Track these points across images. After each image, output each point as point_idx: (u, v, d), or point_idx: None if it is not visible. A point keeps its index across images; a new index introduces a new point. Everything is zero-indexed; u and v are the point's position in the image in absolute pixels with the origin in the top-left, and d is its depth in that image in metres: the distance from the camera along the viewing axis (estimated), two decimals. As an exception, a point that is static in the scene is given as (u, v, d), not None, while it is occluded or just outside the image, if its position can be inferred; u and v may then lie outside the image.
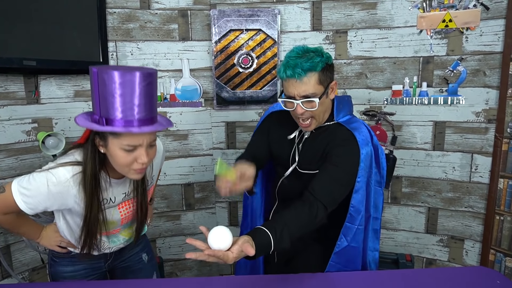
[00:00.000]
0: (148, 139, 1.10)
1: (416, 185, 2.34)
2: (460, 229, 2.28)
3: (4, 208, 1.18)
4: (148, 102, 1.06)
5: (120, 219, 1.30)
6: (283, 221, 1.16)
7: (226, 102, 2.37)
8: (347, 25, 2.28)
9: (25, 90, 2.00)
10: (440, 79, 2.19)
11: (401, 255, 2.33)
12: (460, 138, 2.19)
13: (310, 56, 1.26)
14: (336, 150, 1.33)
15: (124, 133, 1.05)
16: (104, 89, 1.02)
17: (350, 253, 1.43)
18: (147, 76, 1.04)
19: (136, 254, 1.50)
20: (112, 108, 1.03)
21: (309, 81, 1.26)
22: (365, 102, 2.34)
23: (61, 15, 1.96)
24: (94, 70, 1.03)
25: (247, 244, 1.02)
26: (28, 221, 1.36)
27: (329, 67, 1.31)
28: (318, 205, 1.23)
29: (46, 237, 1.36)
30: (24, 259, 2.06)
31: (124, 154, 1.08)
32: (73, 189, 1.14)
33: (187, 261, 2.58)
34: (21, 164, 2.01)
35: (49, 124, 2.10)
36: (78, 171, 1.14)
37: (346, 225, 1.39)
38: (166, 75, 2.33)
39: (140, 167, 1.11)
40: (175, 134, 2.39)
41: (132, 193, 1.30)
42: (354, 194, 1.36)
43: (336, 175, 1.30)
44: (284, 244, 1.14)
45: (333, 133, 1.38)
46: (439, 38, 2.16)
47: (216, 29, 2.27)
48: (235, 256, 1.01)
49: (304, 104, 1.29)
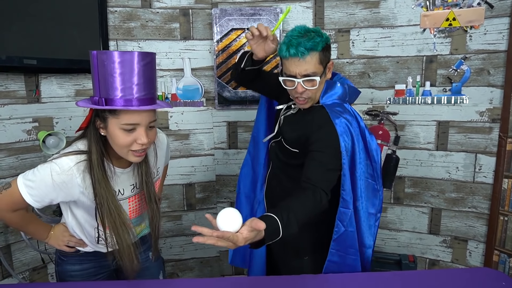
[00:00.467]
0: (147, 119, 1.10)
1: (419, 185, 2.32)
2: (463, 229, 2.26)
3: (11, 204, 1.18)
4: (147, 82, 1.08)
5: (128, 211, 1.30)
6: (287, 207, 1.15)
7: (228, 101, 2.36)
8: (350, 24, 2.26)
9: (25, 89, 1.99)
10: (443, 78, 2.17)
11: (404, 256, 2.31)
12: (463, 138, 2.17)
13: (311, 36, 1.29)
14: (316, 135, 1.35)
15: (123, 112, 1.07)
16: (104, 70, 1.04)
17: (348, 238, 1.43)
18: (146, 56, 1.06)
19: (143, 253, 1.49)
20: (111, 88, 1.05)
21: (311, 60, 1.30)
22: (368, 101, 2.33)
23: (62, 13, 1.95)
24: (93, 52, 1.05)
25: (256, 220, 0.99)
26: (37, 221, 1.35)
27: (328, 48, 1.36)
28: (320, 191, 1.23)
29: (54, 237, 1.35)
30: (24, 259, 2.06)
31: (124, 135, 1.09)
32: (77, 178, 1.14)
33: (188, 261, 2.57)
34: (22, 163, 2.00)
35: (50, 123, 2.09)
36: (82, 160, 1.15)
37: (340, 210, 1.40)
38: (168, 75, 2.32)
39: (139, 148, 1.12)
40: (177, 134, 2.38)
41: (140, 185, 1.28)
42: (343, 177, 1.37)
43: (324, 160, 1.31)
44: (292, 229, 1.11)
45: (313, 116, 1.41)
46: (442, 37, 2.14)
47: (218, 28, 2.26)
48: (245, 237, 0.97)
49: (305, 83, 1.33)
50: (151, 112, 1.12)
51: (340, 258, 1.44)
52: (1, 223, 1.93)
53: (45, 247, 2.06)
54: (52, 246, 1.36)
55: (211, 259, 2.59)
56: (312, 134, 1.36)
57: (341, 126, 1.35)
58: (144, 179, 1.27)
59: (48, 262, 2.13)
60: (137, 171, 1.27)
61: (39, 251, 2.03)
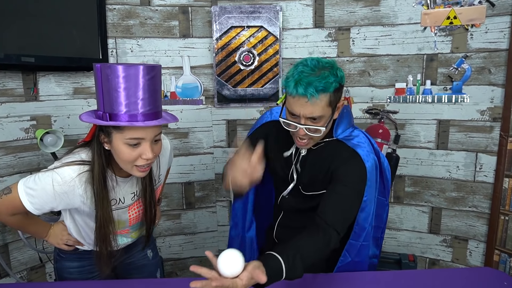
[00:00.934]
0: (152, 134, 1.08)
1: (420, 184, 2.31)
2: (464, 229, 2.25)
3: (11, 209, 1.17)
4: (152, 96, 1.05)
5: (128, 219, 1.29)
6: (296, 247, 1.07)
7: (227, 100, 2.35)
8: (350, 22, 2.24)
9: (23, 87, 1.98)
10: (444, 77, 2.16)
11: (404, 255, 2.31)
12: (464, 137, 2.16)
13: (324, 75, 1.13)
14: (342, 169, 1.24)
15: (128, 127, 1.04)
16: (108, 84, 1.01)
17: (353, 267, 1.40)
18: (151, 70, 1.03)
19: (141, 251, 1.48)
20: (115, 103, 1.02)
21: (319, 103, 1.14)
22: (368, 100, 2.31)
23: (60, 11, 1.93)
24: (97, 66, 1.02)
25: (258, 271, 0.95)
26: (36, 221, 1.34)
27: (340, 88, 1.20)
28: (332, 232, 1.14)
29: (53, 236, 1.34)
30: (22, 258, 2.04)
31: (129, 150, 1.07)
32: (78, 189, 1.12)
33: (187, 261, 2.55)
34: (20, 162, 1.98)
35: (48, 121, 2.07)
36: (84, 170, 1.13)
37: (350, 242, 1.34)
38: (167, 73, 2.30)
39: (144, 163, 1.10)
40: (176, 132, 2.37)
41: (140, 192, 1.27)
42: (360, 213, 1.29)
43: (345, 196, 1.21)
44: (298, 272, 1.05)
45: (334, 151, 1.28)
46: (443, 35, 2.13)
47: (217, 26, 2.25)
48: (244, 284, 0.93)
49: (308, 130, 1.19)
50: (157, 127, 1.09)
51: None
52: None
53: (43, 246, 2.05)
54: (52, 244, 1.35)
55: (210, 258, 2.57)
56: (336, 170, 1.24)
57: (367, 157, 1.24)
58: (146, 188, 1.26)
59: (46, 261, 2.12)
60: (139, 180, 1.26)
61: (37, 250, 2.02)
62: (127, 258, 1.47)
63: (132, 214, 1.29)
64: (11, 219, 1.21)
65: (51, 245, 1.37)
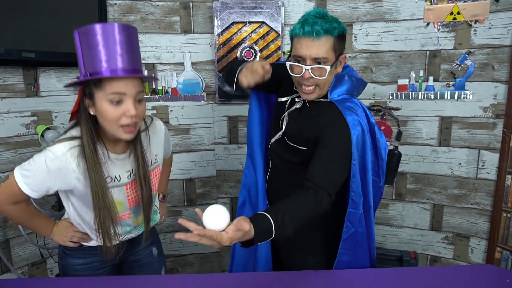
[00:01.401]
0: (134, 89, 1.08)
1: (421, 181, 2.30)
2: (465, 226, 2.24)
3: (10, 196, 1.17)
4: (130, 53, 1.07)
5: (127, 199, 1.27)
6: (285, 207, 1.09)
7: (229, 96, 2.34)
8: (352, 18, 2.23)
9: (24, 82, 1.97)
10: (447, 73, 2.15)
11: (405, 252, 2.29)
12: (467, 133, 2.15)
13: (329, 19, 1.22)
14: (326, 132, 1.27)
15: (108, 83, 1.05)
16: (87, 45, 1.05)
17: (358, 238, 1.40)
18: (126, 27, 1.07)
19: (146, 248, 1.47)
20: (96, 60, 1.04)
21: (325, 44, 1.21)
22: (370, 96, 2.30)
23: (61, 6, 1.92)
24: (75, 31, 1.06)
25: (242, 220, 0.96)
26: (39, 216, 1.33)
27: (343, 37, 1.27)
28: (323, 192, 1.17)
29: (58, 233, 1.32)
30: (23, 254, 2.04)
31: (112, 108, 1.07)
32: (71, 164, 1.12)
33: (188, 257, 2.55)
34: (20, 157, 1.98)
35: (49, 117, 2.07)
36: (75, 145, 1.14)
37: (350, 211, 1.35)
38: (168, 69, 2.29)
39: (129, 121, 1.09)
40: (177, 129, 2.36)
41: (136, 171, 1.26)
42: (352, 179, 1.31)
43: (332, 159, 1.24)
44: (287, 231, 1.06)
45: (323, 112, 1.32)
46: (446, 31, 2.11)
47: (219, 22, 2.23)
48: (230, 237, 0.94)
49: (313, 71, 1.23)
50: (138, 83, 1.10)
51: (350, 258, 1.41)
52: (1, 218, 1.91)
53: (44, 242, 2.05)
54: (57, 242, 1.34)
55: (211, 254, 2.58)
56: (322, 131, 1.28)
57: (354, 124, 1.27)
58: (139, 165, 1.24)
59: (47, 257, 2.12)
60: (132, 157, 1.25)
61: (38, 246, 2.02)
62: (132, 255, 1.46)
63: (130, 195, 1.28)
64: (13, 210, 1.21)
65: (56, 243, 1.34)
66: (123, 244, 1.37)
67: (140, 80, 1.13)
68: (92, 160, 1.13)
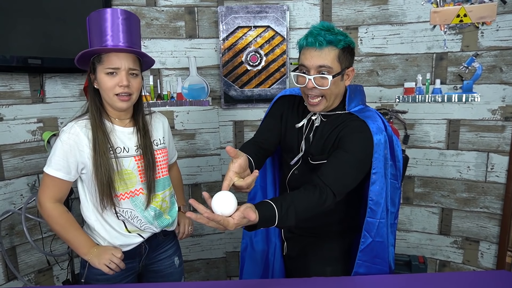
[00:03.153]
0: (126, 64, 1.26)
1: (429, 185, 2.28)
2: (475, 230, 2.21)
3: (47, 189, 1.27)
4: (129, 33, 1.27)
5: (138, 171, 1.34)
6: (290, 199, 1.12)
7: (234, 100, 2.33)
8: (358, 21, 2.22)
9: (30, 89, 1.97)
10: (454, 76, 2.13)
11: (414, 257, 2.27)
12: (475, 136, 2.13)
13: (334, 32, 1.24)
14: (348, 137, 1.28)
15: (106, 58, 1.24)
16: (96, 24, 1.25)
17: (376, 249, 1.37)
18: (126, 12, 1.27)
19: (168, 258, 1.50)
20: (99, 39, 1.24)
21: (329, 54, 1.23)
22: (376, 100, 2.29)
23: (66, 12, 1.93)
24: (88, 17, 1.28)
25: (249, 209, 1.00)
26: (80, 229, 1.34)
27: (350, 50, 1.28)
28: (328, 192, 1.17)
29: (97, 254, 1.30)
30: (30, 261, 2.03)
31: (108, 78, 1.25)
32: (81, 134, 1.26)
33: (194, 263, 2.54)
34: (27, 164, 1.98)
35: (55, 123, 2.07)
36: (82, 119, 1.29)
37: (368, 220, 1.33)
38: (173, 74, 2.29)
39: (121, 90, 1.25)
40: (182, 134, 2.35)
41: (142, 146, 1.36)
42: (371, 187, 1.29)
43: (346, 161, 1.24)
44: (289, 222, 1.10)
45: (345, 122, 1.32)
46: (453, 33, 2.09)
47: (224, 26, 2.23)
48: (236, 222, 0.98)
49: (316, 81, 1.25)
50: (132, 59, 1.27)
51: (367, 269, 1.38)
52: (7, 225, 1.91)
53: (51, 249, 2.04)
54: (93, 264, 1.31)
55: (218, 260, 2.56)
56: (343, 137, 1.28)
57: (377, 132, 1.27)
58: (143, 139, 1.36)
59: (53, 264, 2.11)
60: (137, 133, 1.37)
61: (44, 253, 2.00)
62: (153, 265, 1.47)
63: (140, 166, 1.35)
64: (54, 210, 1.28)
65: (92, 264, 1.32)
66: (145, 247, 1.41)
67: (136, 58, 1.30)
68: (95, 127, 1.27)
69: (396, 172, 1.41)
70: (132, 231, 1.37)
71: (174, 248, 1.54)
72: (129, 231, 1.36)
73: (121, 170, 1.30)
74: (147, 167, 1.35)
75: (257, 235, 1.64)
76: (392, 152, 1.38)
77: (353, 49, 1.29)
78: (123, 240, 1.36)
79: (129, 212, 1.34)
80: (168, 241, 1.51)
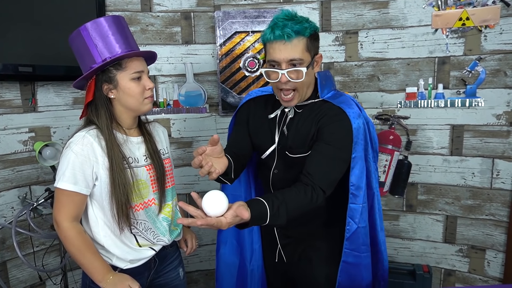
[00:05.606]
0: (146, 67, 1.30)
1: (433, 192, 2.23)
2: (481, 238, 2.16)
3: (63, 207, 1.21)
4: (131, 37, 1.30)
5: (150, 180, 1.32)
6: (282, 197, 1.12)
7: (232, 107, 2.27)
8: (358, 26, 2.18)
9: (21, 97, 1.91)
10: (457, 81, 2.08)
11: (418, 266, 2.22)
12: (479, 142, 2.08)
13: (299, 20, 1.20)
14: (328, 128, 1.26)
15: (129, 63, 1.23)
16: (99, 34, 1.22)
17: (362, 235, 1.34)
18: (119, 17, 1.29)
19: (174, 270, 1.48)
20: (112, 46, 1.22)
21: (298, 45, 1.20)
22: (378, 105, 2.24)
23: (59, 18, 1.87)
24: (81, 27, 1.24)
25: (241, 207, 0.99)
26: (97, 253, 1.26)
27: (316, 36, 1.26)
28: (318, 190, 1.17)
29: (113, 284, 1.22)
30: (21, 276, 1.96)
31: (135, 84, 1.25)
32: (93, 143, 1.21)
33: (193, 274, 2.47)
34: (18, 175, 1.91)
35: (47, 133, 2.00)
36: (91, 128, 1.24)
37: (351, 206, 1.31)
38: (169, 80, 2.24)
39: (150, 93, 1.28)
40: (179, 142, 2.29)
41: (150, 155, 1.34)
42: (351, 171, 1.27)
43: (331, 155, 1.23)
44: (280, 221, 1.10)
45: (321, 111, 1.30)
46: (455, 37, 2.05)
47: (221, 32, 2.18)
48: (228, 222, 0.98)
49: (289, 74, 1.21)
50: (144, 62, 1.30)
51: (355, 259, 1.36)
52: (-3, 239, 1.84)
53: (42, 264, 1.96)
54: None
55: (217, 271, 2.49)
56: (323, 127, 1.26)
57: (355, 117, 1.26)
58: (151, 147, 1.35)
59: (46, 279, 2.03)
60: (144, 141, 1.35)
61: (36, 269, 1.93)
62: (160, 278, 1.43)
63: (152, 175, 1.33)
64: (72, 230, 1.21)
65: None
66: (155, 261, 1.38)
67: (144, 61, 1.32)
68: (110, 140, 1.23)
69: (373, 154, 1.40)
70: (143, 245, 1.33)
71: (179, 259, 1.52)
72: (140, 245, 1.33)
73: (136, 181, 1.27)
74: (159, 176, 1.34)
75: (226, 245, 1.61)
76: (369, 134, 1.36)
77: (318, 34, 1.27)
78: (135, 255, 1.32)
79: (143, 224, 1.31)
80: (173, 252, 1.49)
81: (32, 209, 1.76)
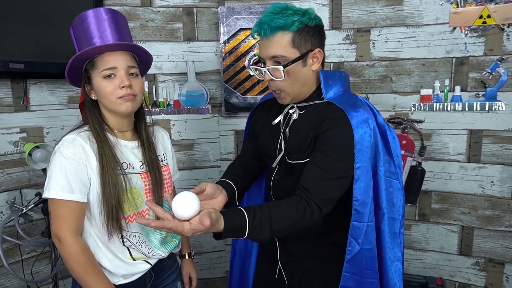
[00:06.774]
0: (123, 62, 1.14)
1: (448, 201, 2.10)
2: (499, 251, 2.03)
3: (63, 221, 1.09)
4: (118, 31, 1.16)
5: (144, 188, 1.22)
6: (267, 209, 1.02)
7: (236, 108, 2.19)
8: (370, 23, 2.07)
9: (12, 96, 1.83)
10: (476, 83, 1.96)
11: (431, 279, 2.09)
12: (499, 148, 1.95)
13: (286, 14, 1.11)
14: (325, 135, 1.13)
15: (100, 59, 1.12)
16: (80, 29, 1.15)
17: (366, 258, 1.18)
18: (111, 10, 1.18)
19: (171, 283, 1.39)
20: (88, 39, 1.13)
21: (280, 41, 1.11)
22: (390, 108, 2.13)
23: (54, 13, 1.79)
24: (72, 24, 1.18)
25: (205, 215, 0.90)
26: (101, 272, 1.16)
27: (310, 30, 1.13)
28: (313, 207, 1.06)
29: None
30: (10, 285, 1.86)
31: (106, 82, 1.12)
32: (85, 145, 1.12)
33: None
34: (8, 178, 1.81)
35: (40, 133, 1.91)
36: (82, 130, 1.16)
37: (353, 224, 1.14)
38: (170, 79, 2.16)
39: (124, 92, 1.12)
40: (180, 144, 2.20)
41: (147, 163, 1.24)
42: (355, 185, 1.12)
43: (330, 168, 1.10)
44: (262, 236, 1.00)
45: (323, 114, 1.17)
46: (475, 36, 1.93)
47: (225, 28, 2.08)
48: (192, 228, 0.90)
49: (271, 72, 1.14)
50: (129, 58, 1.16)
51: (356, 283, 1.19)
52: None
53: (31, 273, 1.86)
54: None
55: (218, 279, 2.39)
56: (321, 134, 1.14)
57: (358, 124, 1.11)
58: (148, 153, 1.25)
59: (36, 288, 1.93)
60: (141, 147, 1.26)
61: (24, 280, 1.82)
62: None
63: (147, 184, 1.23)
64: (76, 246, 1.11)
65: None
66: (151, 275, 1.28)
67: (132, 57, 1.18)
68: (100, 142, 1.14)
69: (395, 170, 1.23)
70: (137, 258, 1.23)
71: (177, 272, 1.42)
72: (134, 259, 1.22)
73: (130, 188, 1.17)
74: (154, 185, 1.23)
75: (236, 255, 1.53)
76: (386, 145, 1.21)
77: (316, 27, 1.15)
78: (128, 269, 1.21)
79: (137, 237, 1.21)
80: (171, 265, 1.39)
81: (21, 214, 1.66)
